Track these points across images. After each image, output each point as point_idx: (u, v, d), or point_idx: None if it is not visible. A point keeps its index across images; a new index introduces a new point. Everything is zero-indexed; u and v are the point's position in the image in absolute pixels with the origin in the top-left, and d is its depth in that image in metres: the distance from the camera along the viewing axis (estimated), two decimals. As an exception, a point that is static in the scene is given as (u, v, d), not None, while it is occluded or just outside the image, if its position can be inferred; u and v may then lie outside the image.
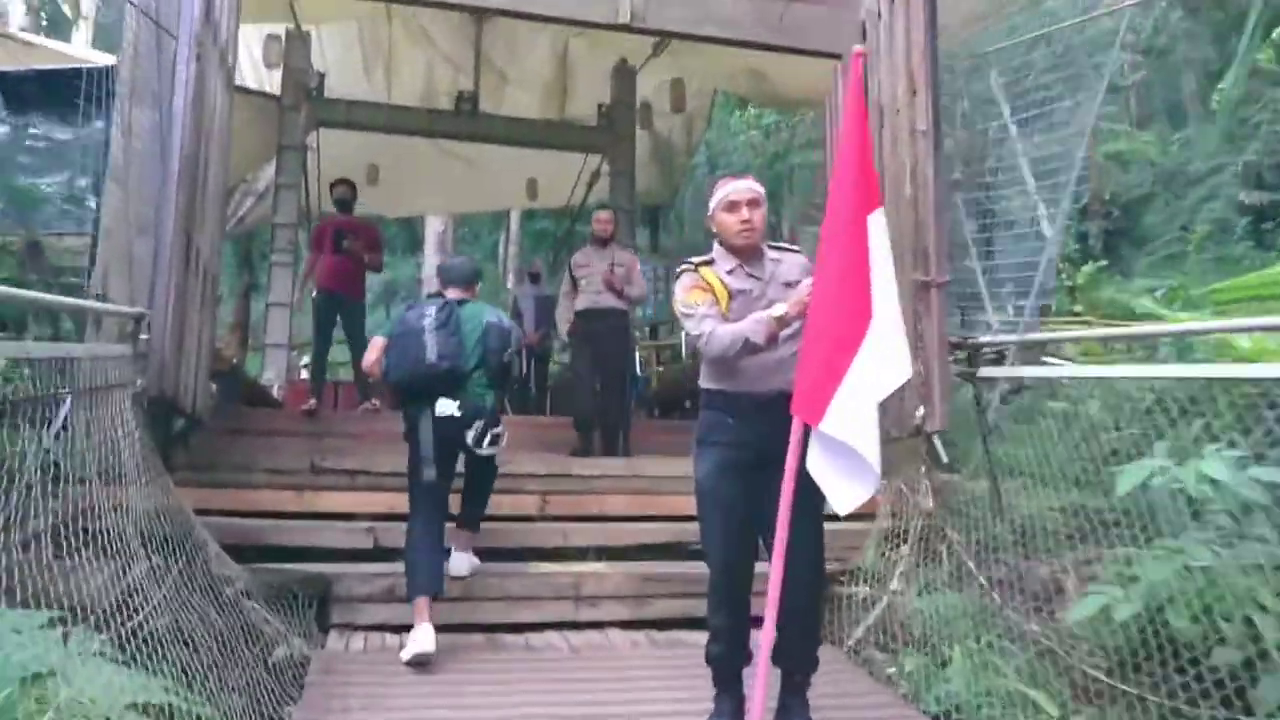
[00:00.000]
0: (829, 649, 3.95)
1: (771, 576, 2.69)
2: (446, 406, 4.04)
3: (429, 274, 14.82)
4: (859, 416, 2.46)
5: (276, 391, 8.15)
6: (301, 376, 10.69)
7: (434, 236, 15.71)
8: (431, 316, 4.10)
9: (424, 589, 3.91)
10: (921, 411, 4.64)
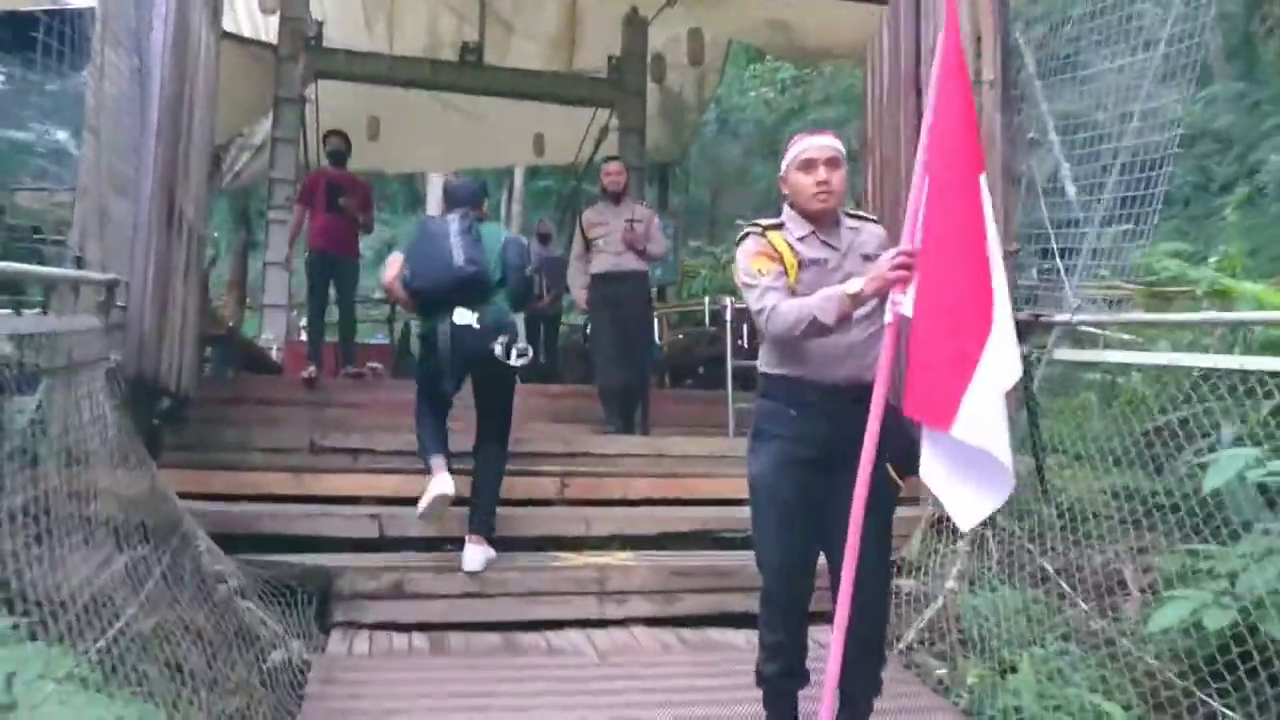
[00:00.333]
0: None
1: (839, 596, 2.34)
2: (465, 316, 3.98)
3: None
4: (990, 414, 2.06)
5: (275, 353, 7.94)
6: (301, 338, 10.41)
7: (436, 194, 15.32)
8: (456, 223, 4.09)
9: (438, 449, 4.01)
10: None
